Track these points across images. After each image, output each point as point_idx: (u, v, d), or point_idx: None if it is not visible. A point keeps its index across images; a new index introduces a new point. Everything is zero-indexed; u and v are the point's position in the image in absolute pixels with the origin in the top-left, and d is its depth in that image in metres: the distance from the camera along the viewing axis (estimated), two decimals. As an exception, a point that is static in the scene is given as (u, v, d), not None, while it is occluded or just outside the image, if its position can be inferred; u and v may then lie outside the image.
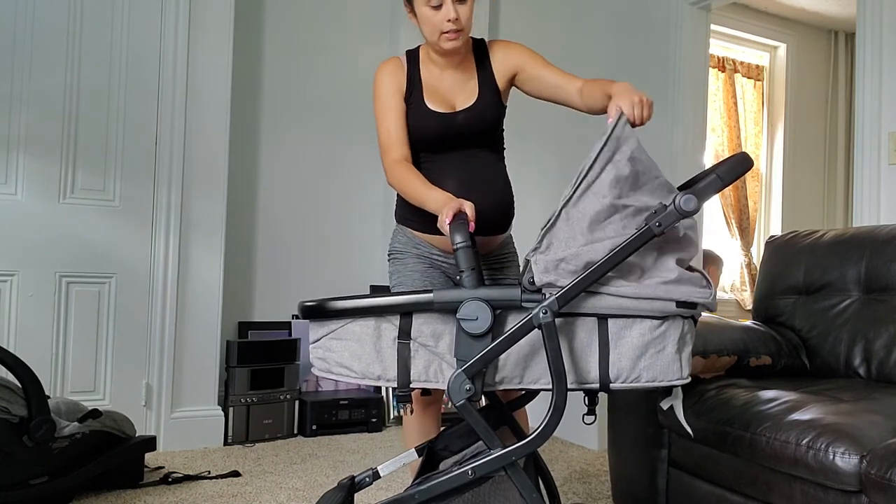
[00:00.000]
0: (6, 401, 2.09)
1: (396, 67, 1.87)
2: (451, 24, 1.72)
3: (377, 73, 1.87)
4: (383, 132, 1.83)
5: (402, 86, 1.84)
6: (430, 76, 1.86)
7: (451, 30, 1.72)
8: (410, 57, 1.89)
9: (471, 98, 1.84)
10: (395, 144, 1.81)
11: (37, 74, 2.81)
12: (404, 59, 1.89)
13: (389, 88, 1.84)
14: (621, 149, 1.24)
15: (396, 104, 1.83)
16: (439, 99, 1.84)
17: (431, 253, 1.88)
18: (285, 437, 3.28)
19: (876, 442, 1.44)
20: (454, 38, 1.74)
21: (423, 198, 1.68)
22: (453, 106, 1.84)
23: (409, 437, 1.95)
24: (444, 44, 1.75)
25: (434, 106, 1.82)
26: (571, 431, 3.31)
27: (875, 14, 2.59)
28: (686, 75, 3.35)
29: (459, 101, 1.84)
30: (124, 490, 2.43)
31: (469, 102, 1.83)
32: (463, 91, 1.85)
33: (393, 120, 1.83)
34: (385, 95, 1.84)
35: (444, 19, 1.72)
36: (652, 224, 1.20)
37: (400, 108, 1.83)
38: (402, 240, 1.91)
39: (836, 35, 5.34)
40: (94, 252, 2.91)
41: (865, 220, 2.58)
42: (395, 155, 1.80)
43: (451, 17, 1.71)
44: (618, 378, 1.27)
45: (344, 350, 1.30)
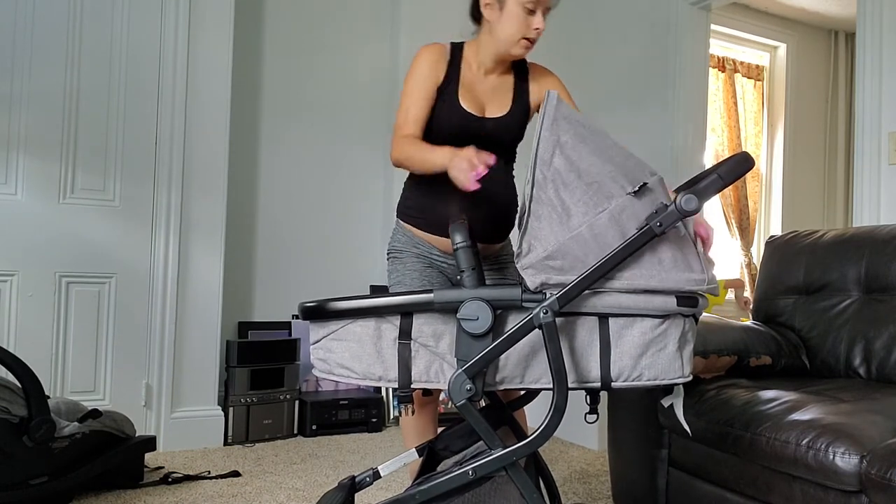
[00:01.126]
0: (6, 401, 2.09)
1: (440, 56, 1.84)
2: (534, 33, 1.75)
3: (420, 53, 1.84)
4: (402, 111, 1.82)
5: (440, 77, 1.83)
6: (470, 75, 1.85)
7: (532, 38, 1.75)
8: (454, 50, 1.88)
9: (502, 109, 1.85)
10: (410, 124, 1.80)
11: (37, 74, 2.81)
12: (448, 49, 1.87)
13: (426, 74, 1.82)
14: (562, 127, 1.24)
15: (427, 91, 1.81)
16: (473, 100, 1.83)
17: (431, 252, 1.88)
18: (285, 437, 3.28)
19: (876, 442, 1.44)
20: (530, 46, 1.77)
21: (430, 158, 1.67)
22: (483, 111, 1.84)
23: (407, 436, 1.96)
24: (516, 49, 1.77)
25: (466, 106, 1.82)
26: (571, 431, 3.31)
27: (875, 14, 2.59)
28: (686, 75, 3.35)
29: (491, 108, 1.85)
30: (124, 490, 2.43)
31: (500, 112, 1.85)
32: (496, 100, 1.86)
33: (417, 103, 1.81)
34: (419, 78, 1.82)
35: (532, 27, 1.74)
36: (653, 224, 1.20)
37: (429, 97, 1.81)
38: (401, 238, 1.91)
39: (836, 35, 5.34)
40: (94, 252, 2.91)
41: (865, 220, 2.58)
42: (406, 132, 1.80)
43: (540, 26, 1.74)
44: (619, 377, 1.27)
45: (344, 351, 1.29)
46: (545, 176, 1.22)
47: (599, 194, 1.21)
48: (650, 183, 1.23)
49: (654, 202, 1.23)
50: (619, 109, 3.69)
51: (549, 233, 1.21)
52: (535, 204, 1.22)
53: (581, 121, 1.25)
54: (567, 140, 1.23)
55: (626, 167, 1.24)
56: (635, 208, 1.22)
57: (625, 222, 1.21)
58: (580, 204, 1.21)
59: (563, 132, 1.23)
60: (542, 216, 1.22)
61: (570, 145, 1.22)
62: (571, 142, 1.23)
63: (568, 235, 1.21)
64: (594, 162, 1.22)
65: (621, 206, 1.21)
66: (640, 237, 1.20)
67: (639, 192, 1.22)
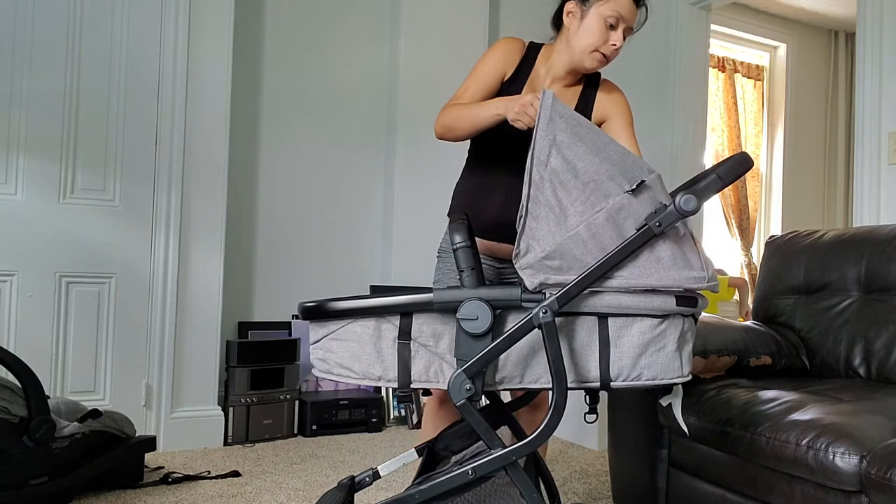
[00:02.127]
0: (6, 401, 2.09)
1: (517, 50, 1.84)
2: (610, 49, 1.73)
3: (499, 42, 1.85)
4: (462, 87, 1.80)
5: (510, 70, 1.82)
6: (538, 78, 1.84)
7: (608, 53, 1.73)
8: (530, 49, 1.87)
9: None
10: (464, 99, 1.79)
11: (37, 74, 2.81)
12: (525, 46, 1.87)
13: (496, 63, 1.81)
14: (558, 126, 1.23)
15: (491, 79, 1.80)
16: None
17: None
18: (285, 437, 3.28)
19: (876, 442, 1.44)
20: (603, 61, 1.75)
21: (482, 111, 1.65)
22: None
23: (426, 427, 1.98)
24: (589, 61, 1.75)
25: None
26: (571, 431, 3.31)
27: (875, 14, 2.59)
28: (686, 75, 3.35)
29: None
30: (124, 490, 2.43)
31: None
32: None
33: (477, 86, 1.79)
34: (488, 66, 1.81)
35: (610, 41, 1.72)
36: (652, 224, 1.20)
37: (491, 85, 1.80)
38: (447, 238, 1.93)
39: (836, 35, 5.34)
40: (94, 252, 2.91)
41: (865, 220, 2.58)
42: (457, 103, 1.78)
43: (618, 43, 1.72)
44: (618, 377, 1.27)
45: (344, 351, 1.29)
46: (542, 176, 1.22)
47: (597, 193, 1.21)
48: (648, 181, 1.23)
49: (652, 200, 1.23)
50: (619, 109, 3.68)
51: (547, 233, 1.21)
52: (533, 204, 1.22)
53: (578, 119, 1.25)
54: (563, 139, 1.23)
55: (624, 165, 1.24)
56: (633, 207, 1.21)
57: (622, 221, 1.21)
58: (577, 203, 1.21)
59: (560, 131, 1.23)
60: (539, 216, 1.22)
61: (567, 144, 1.22)
62: (568, 141, 1.23)
63: (565, 235, 1.21)
64: (591, 161, 1.22)
65: (619, 204, 1.21)
66: (640, 237, 1.20)
67: (636, 191, 1.22)
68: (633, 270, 1.22)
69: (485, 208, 1.81)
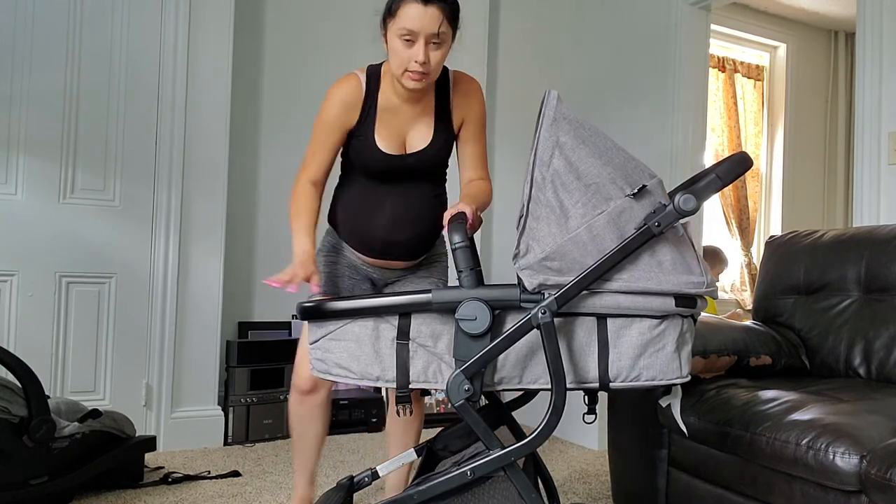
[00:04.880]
0: (6, 401, 2.09)
1: (353, 95, 1.79)
2: (417, 66, 1.65)
3: (333, 92, 1.80)
4: (311, 150, 1.83)
5: (353, 121, 1.79)
6: (387, 104, 1.79)
7: (416, 71, 1.65)
8: (371, 76, 1.82)
9: (425, 139, 1.80)
10: (313, 166, 1.82)
11: (37, 74, 2.81)
12: (363, 79, 1.81)
13: (336, 121, 1.79)
14: (562, 127, 1.23)
15: (334, 137, 1.80)
16: (391, 134, 1.79)
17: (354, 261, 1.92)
18: (285, 437, 3.28)
19: (876, 442, 1.44)
20: (417, 79, 1.67)
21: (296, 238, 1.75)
22: (404, 144, 1.80)
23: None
24: (406, 82, 1.69)
25: (384, 144, 1.77)
26: (571, 431, 3.31)
27: (875, 14, 2.59)
28: (686, 75, 3.35)
29: (412, 139, 1.80)
30: (124, 490, 2.43)
31: (422, 144, 1.80)
32: (417, 128, 1.81)
33: (324, 148, 1.81)
34: (328, 124, 1.79)
35: (413, 59, 1.64)
36: (651, 224, 1.20)
37: (336, 143, 1.81)
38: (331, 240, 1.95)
39: (836, 35, 5.34)
40: (94, 252, 2.91)
41: (865, 220, 2.58)
42: (308, 176, 1.82)
43: (420, 59, 1.64)
44: (617, 377, 1.27)
45: (342, 351, 1.29)
46: (544, 177, 1.22)
47: (598, 196, 1.21)
48: (649, 185, 1.23)
49: (653, 205, 1.23)
50: (618, 109, 3.68)
51: (547, 234, 1.21)
52: (534, 204, 1.22)
53: (581, 121, 1.25)
54: (566, 141, 1.23)
55: (626, 169, 1.24)
56: (634, 211, 1.22)
57: (623, 224, 1.21)
58: (578, 206, 1.21)
59: (563, 133, 1.23)
60: (540, 217, 1.22)
61: (570, 146, 1.22)
62: (571, 142, 1.23)
63: (566, 237, 1.21)
64: (593, 163, 1.22)
65: (620, 208, 1.21)
66: (639, 237, 1.20)
67: (638, 195, 1.22)
68: (633, 273, 1.22)
69: (371, 228, 1.83)
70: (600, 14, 3.83)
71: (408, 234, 1.83)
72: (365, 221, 1.84)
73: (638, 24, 3.58)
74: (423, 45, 1.63)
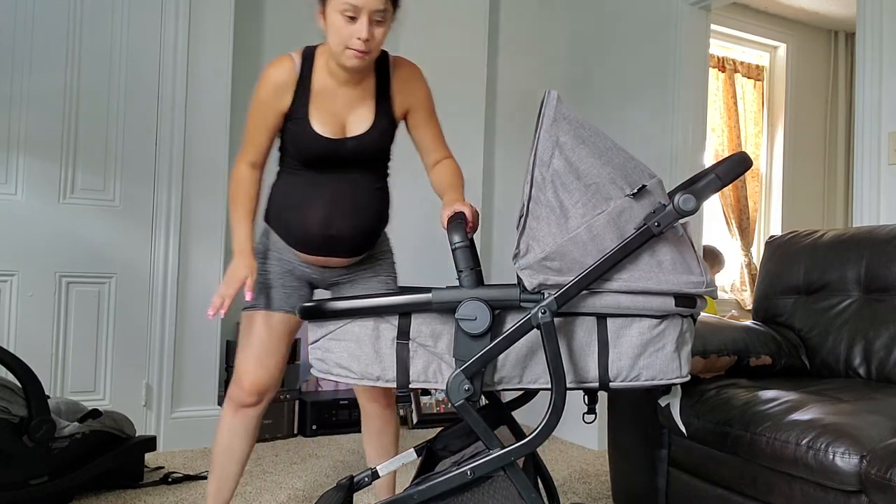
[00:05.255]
0: (6, 401, 2.10)
1: (286, 77, 1.72)
2: (359, 43, 1.60)
3: (266, 75, 1.73)
4: (247, 133, 1.77)
5: (286, 104, 1.72)
6: (323, 88, 1.72)
7: (358, 48, 1.60)
8: (306, 59, 1.74)
9: (364, 123, 1.74)
10: (252, 148, 1.77)
11: (37, 74, 2.81)
12: (298, 61, 1.74)
13: (269, 102, 1.72)
14: (562, 127, 1.23)
15: (269, 121, 1.74)
16: (329, 117, 1.72)
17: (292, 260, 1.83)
18: (285, 437, 3.28)
19: (876, 442, 1.44)
20: (359, 56, 1.62)
21: (233, 227, 1.72)
22: (343, 128, 1.73)
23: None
24: (346, 60, 1.63)
25: (321, 128, 1.71)
26: (571, 431, 3.31)
27: (875, 14, 2.59)
28: (686, 75, 3.35)
29: (351, 123, 1.74)
30: (124, 490, 2.43)
31: (362, 129, 1.74)
32: (356, 112, 1.74)
33: (260, 131, 1.75)
34: (262, 106, 1.73)
35: (355, 35, 1.59)
36: (651, 224, 1.20)
37: (271, 125, 1.75)
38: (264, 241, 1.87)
39: (836, 35, 5.34)
40: (94, 252, 2.91)
41: (865, 220, 2.58)
42: (247, 159, 1.77)
43: (363, 35, 1.59)
44: (617, 377, 1.27)
45: (343, 351, 1.29)
46: (544, 177, 1.22)
47: (598, 196, 1.21)
48: (649, 185, 1.23)
49: (652, 205, 1.23)
50: (618, 109, 3.69)
51: (547, 234, 1.21)
52: (534, 204, 1.22)
53: (581, 121, 1.25)
54: (566, 141, 1.23)
55: (626, 169, 1.24)
56: (634, 211, 1.22)
57: (623, 224, 1.21)
58: (578, 206, 1.21)
59: (563, 133, 1.23)
60: (540, 217, 1.22)
61: (570, 146, 1.23)
62: (571, 142, 1.23)
63: (566, 237, 1.21)
64: (593, 163, 1.22)
65: (620, 208, 1.21)
66: (638, 237, 1.20)
67: (638, 195, 1.22)
68: (633, 273, 1.22)
69: (310, 220, 1.74)
70: (600, 14, 3.83)
71: (349, 227, 1.75)
72: (303, 213, 1.74)
73: (638, 23, 3.58)
74: (366, 22, 1.59)
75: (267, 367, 1.84)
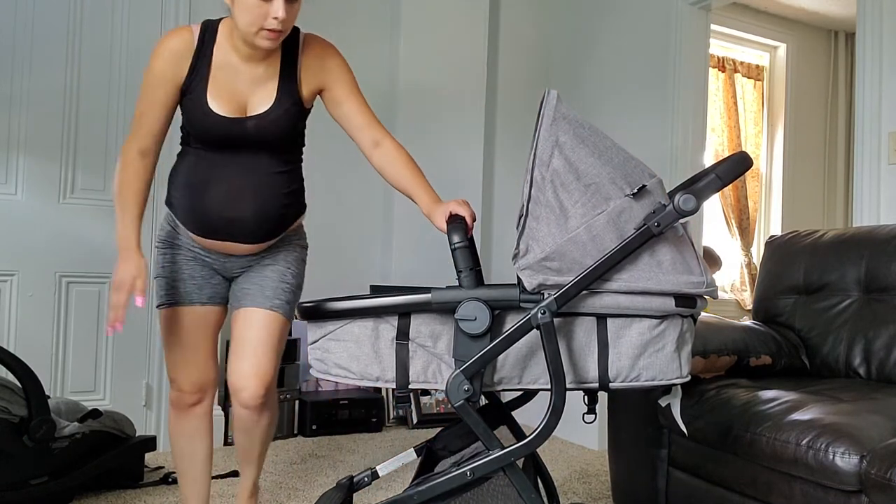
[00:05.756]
0: (6, 401, 2.09)
1: (183, 47, 1.61)
2: (275, 23, 1.51)
3: (160, 46, 1.62)
4: (137, 113, 1.64)
5: (182, 75, 1.61)
6: (224, 64, 1.62)
7: (274, 28, 1.52)
8: (205, 32, 1.63)
9: (266, 102, 1.64)
10: (141, 133, 1.63)
11: (37, 74, 2.81)
12: (197, 33, 1.63)
13: (164, 72, 1.60)
14: (561, 127, 1.23)
15: (161, 98, 1.62)
16: (228, 96, 1.62)
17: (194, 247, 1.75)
18: (285, 437, 3.28)
19: (876, 442, 1.44)
20: (274, 37, 1.55)
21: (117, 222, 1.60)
22: (244, 107, 1.64)
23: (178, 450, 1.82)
24: (260, 41, 1.55)
25: (218, 106, 1.61)
26: (571, 431, 3.31)
27: (875, 14, 2.59)
28: (686, 75, 3.34)
29: (253, 102, 1.64)
30: (124, 490, 2.43)
31: (263, 107, 1.64)
32: (259, 91, 1.64)
33: (151, 110, 1.62)
34: (155, 77, 1.61)
35: (270, 15, 1.51)
36: (651, 224, 1.19)
37: (165, 103, 1.63)
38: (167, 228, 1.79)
39: (836, 35, 5.34)
40: (94, 252, 2.91)
41: (865, 220, 2.58)
42: (136, 145, 1.63)
43: (280, 15, 1.50)
44: (617, 377, 1.27)
45: (342, 351, 1.29)
46: (543, 177, 1.22)
47: (598, 196, 1.21)
48: (649, 185, 1.23)
49: (652, 205, 1.23)
50: (618, 109, 3.68)
51: (547, 234, 1.21)
52: (534, 204, 1.22)
53: (580, 121, 1.25)
54: (566, 140, 1.23)
55: (626, 169, 1.24)
56: (634, 211, 1.22)
57: (623, 224, 1.21)
58: (578, 206, 1.21)
59: (563, 132, 1.23)
60: (540, 217, 1.22)
61: (570, 146, 1.23)
62: (570, 142, 1.23)
63: (565, 237, 1.21)
64: (593, 163, 1.22)
65: (619, 208, 1.21)
66: (638, 237, 1.20)
67: (637, 195, 1.22)
68: (633, 273, 1.22)
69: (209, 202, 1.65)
70: (600, 14, 3.83)
71: (249, 210, 1.65)
72: (202, 195, 1.65)
73: (638, 23, 3.58)
74: (282, 1, 1.50)
75: (196, 364, 1.76)
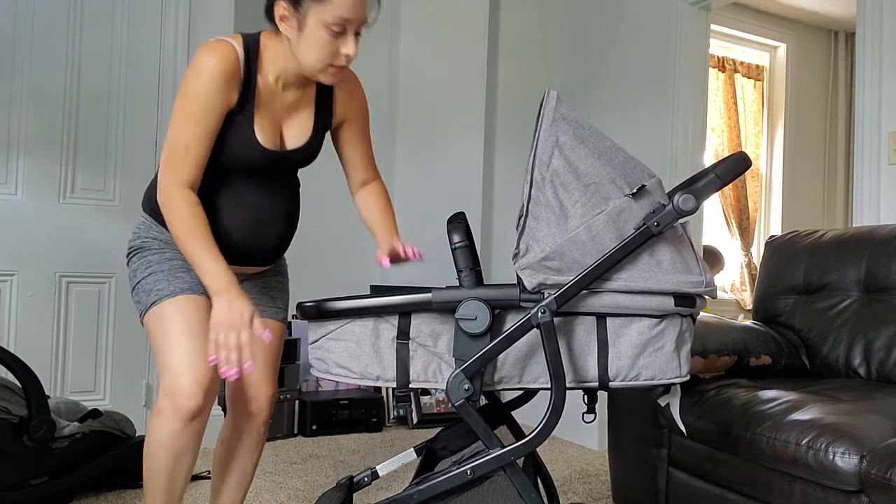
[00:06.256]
0: (6, 401, 2.10)
1: (229, 73, 1.43)
2: (344, 60, 1.44)
3: (204, 71, 1.42)
4: (181, 144, 1.41)
5: (232, 104, 1.44)
6: (267, 88, 1.50)
7: (342, 65, 1.45)
8: (249, 52, 1.47)
9: (303, 135, 1.56)
10: (188, 166, 1.41)
11: (37, 74, 2.81)
12: (241, 52, 1.46)
13: (212, 105, 1.41)
14: (561, 127, 1.23)
15: (214, 126, 1.43)
16: (269, 124, 1.51)
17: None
18: (285, 437, 3.28)
19: (876, 442, 1.44)
20: (340, 74, 1.48)
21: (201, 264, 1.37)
22: (280, 134, 1.54)
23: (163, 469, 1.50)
24: (325, 77, 1.46)
25: (263, 138, 1.48)
26: (571, 431, 3.31)
27: (875, 14, 2.59)
28: (686, 75, 3.34)
29: (290, 132, 1.55)
30: (124, 490, 2.43)
31: (301, 141, 1.56)
32: (294, 120, 1.56)
33: (199, 141, 1.41)
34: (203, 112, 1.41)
35: (342, 52, 1.43)
36: (650, 224, 1.20)
37: (216, 131, 1.44)
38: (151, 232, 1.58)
39: (836, 35, 5.34)
40: (94, 252, 2.91)
41: (865, 220, 2.58)
42: (185, 180, 1.41)
43: (351, 52, 1.43)
44: (617, 376, 1.27)
45: (342, 351, 1.29)
46: (543, 177, 1.22)
47: (597, 196, 1.22)
48: (648, 185, 1.23)
49: (652, 204, 1.23)
50: (618, 109, 3.68)
51: (547, 234, 1.22)
52: (534, 204, 1.23)
53: (580, 121, 1.25)
54: (566, 141, 1.23)
55: (625, 169, 1.24)
56: (633, 210, 1.22)
57: (623, 224, 1.22)
58: (578, 205, 1.21)
59: (562, 132, 1.23)
60: (540, 217, 1.22)
61: (569, 146, 1.23)
62: (570, 142, 1.23)
63: (565, 237, 1.21)
64: (593, 163, 1.22)
65: (619, 207, 1.22)
66: (638, 237, 1.20)
67: (637, 195, 1.22)
68: (632, 273, 1.23)
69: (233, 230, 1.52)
70: (600, 14, 3.83)
71: (274, 237, 1.59)
72: (222, 221, 1.50)
73: (638, 23, 3.58)
74: (353, 37, 1.43)
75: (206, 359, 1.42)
